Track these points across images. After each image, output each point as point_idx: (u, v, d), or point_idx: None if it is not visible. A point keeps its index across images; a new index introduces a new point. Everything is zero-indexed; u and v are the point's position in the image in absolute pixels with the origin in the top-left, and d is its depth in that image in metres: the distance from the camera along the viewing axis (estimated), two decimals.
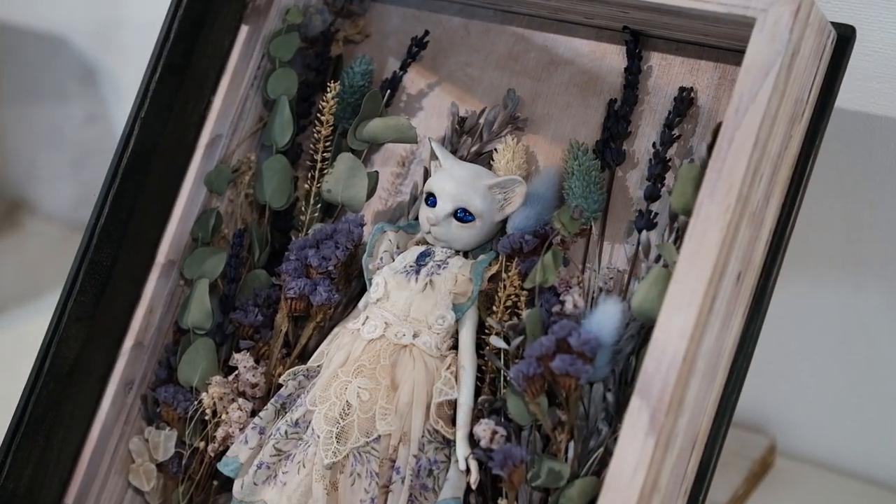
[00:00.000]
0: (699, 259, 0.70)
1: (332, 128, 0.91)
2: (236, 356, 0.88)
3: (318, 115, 0.91)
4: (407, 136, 0.89)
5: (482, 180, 0.83)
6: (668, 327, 0.70)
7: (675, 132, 0.82)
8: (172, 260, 0.94)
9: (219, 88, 0.94)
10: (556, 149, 0.87)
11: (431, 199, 0.83)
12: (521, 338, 0.79)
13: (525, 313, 0.80)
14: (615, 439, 0.75)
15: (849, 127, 0.99)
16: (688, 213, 0.74)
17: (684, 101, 0.83)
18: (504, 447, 0.76)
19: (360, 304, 0.88)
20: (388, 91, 0.93)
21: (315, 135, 0.92)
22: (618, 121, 0.84)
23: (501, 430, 0.77)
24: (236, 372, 0.88)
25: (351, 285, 0.90)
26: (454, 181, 0.82)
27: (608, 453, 0.77)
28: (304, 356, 0.89)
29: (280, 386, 0.86)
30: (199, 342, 0.90)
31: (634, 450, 0.69)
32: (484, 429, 0.77)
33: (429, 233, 0.84)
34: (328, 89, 0.91)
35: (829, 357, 1.12)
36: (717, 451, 0.78)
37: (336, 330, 0.87)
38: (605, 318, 0.75)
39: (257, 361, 0.89)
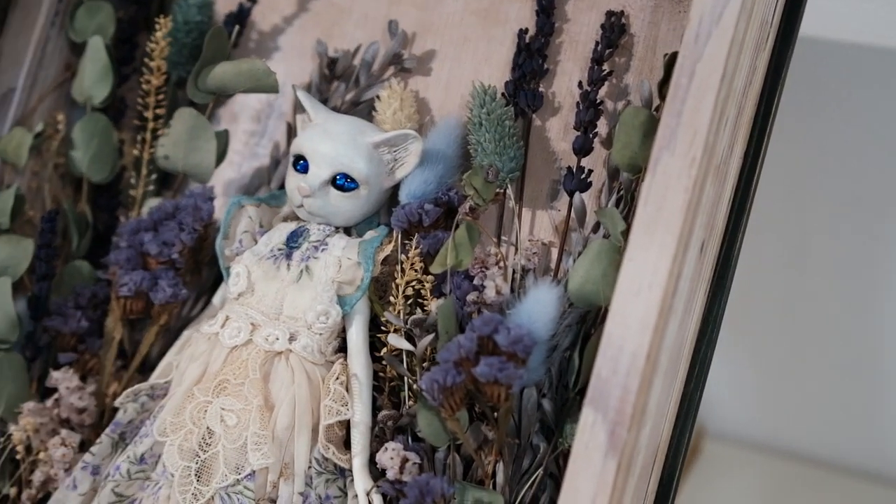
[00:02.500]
0: (660, 228, 0.63)
1: (164, 76, 0.86)
2: (55, 374, 0.83)
3: (146, 60, 0.86)
4: (264, 83, 0.81)
5: (365, 137, 0.77)
6: (624, 317, 0.62)
7: (606, 68, 0.76)
8: None
9: (5, 28, 0.88)
10: (454, 94, 0.82)
11: (301, 164, 0.77)
12: (429, 336, 0.73)
13: (433, 304, 0.73)
14: (555, 458, 0.71)
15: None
16: (634, 169, 0.69)
17: (614, 29, 0.76)
18: (419, 479, 0.68)
19: (216, 299, 0.82)
20: (236, 27, 0.87)
21: (143, 86, 0.86)
22: (531, 56, 0.78)
23: (414, 457, 0.71)
24: (56, 395, 0.83)
25: (202, 276, 0.85)
26: (330, 140, 0.76)
27: (548, 475, 0.71)
28: (147, 370, 0.84)
29: (116, 410, 0.80)
30: (2, 359, 0.83)
31: (591, 475, 0.61)
32: (391, 456, 0.71)
33: (300, 206, 0.78)
34: (156, 27, 0.85)
35: (764, 330, 1.11)
36: (680, 463, 0.73)
37: (187, 334, 0.82)
38: (538, 308, 0.67)
39: (84, 379, 0.84)
